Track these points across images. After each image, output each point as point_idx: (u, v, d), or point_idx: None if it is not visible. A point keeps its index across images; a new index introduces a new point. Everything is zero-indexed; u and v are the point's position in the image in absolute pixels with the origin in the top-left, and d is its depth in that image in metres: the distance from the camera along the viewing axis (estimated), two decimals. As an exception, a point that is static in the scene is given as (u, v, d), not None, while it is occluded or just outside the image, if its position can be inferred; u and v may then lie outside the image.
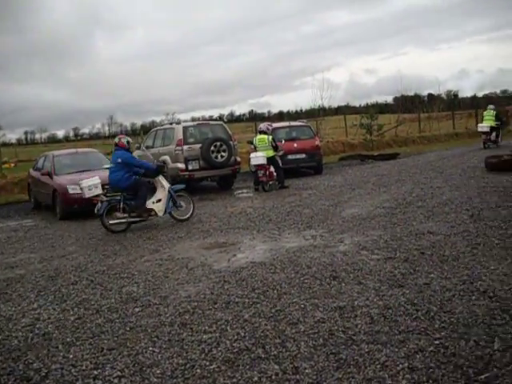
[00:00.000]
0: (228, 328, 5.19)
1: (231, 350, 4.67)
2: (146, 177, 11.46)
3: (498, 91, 75.88)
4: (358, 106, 72.84)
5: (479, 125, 25.14)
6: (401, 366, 4.10)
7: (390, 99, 65.83)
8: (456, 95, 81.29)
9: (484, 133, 23.96)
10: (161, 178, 11.51)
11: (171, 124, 18.59)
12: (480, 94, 72.43)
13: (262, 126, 16.90)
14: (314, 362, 4.29)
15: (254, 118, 74.71)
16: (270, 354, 4.53)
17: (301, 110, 54.44)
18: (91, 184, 10.99)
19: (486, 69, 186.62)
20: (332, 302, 5.58)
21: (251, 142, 16.81)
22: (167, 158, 16.43)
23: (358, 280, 6.24)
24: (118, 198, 10.95)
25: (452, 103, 65.98)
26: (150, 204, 11.30)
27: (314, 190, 14.59)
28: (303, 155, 18.78)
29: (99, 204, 10.83)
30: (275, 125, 19.90)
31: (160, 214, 11.32)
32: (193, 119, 46.16)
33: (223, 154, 16.22)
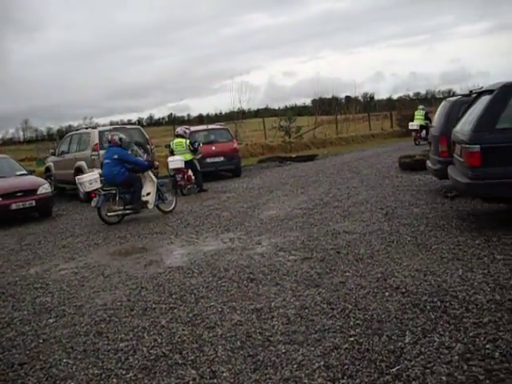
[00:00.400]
0: (145, 335, 5.12)
1: (148, 358, 4.61)
2: (135, 172, 11.98)
3: (411, 94, 78.36)
4: (277, 108, 73.49)
5: (410, 123, 26.85)
6: (317, 364, 4.16)
7: (308, 101, 66.75)
8: (372, 97, 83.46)
9: (414, 130, 25.52)
10: (150, 173, 12.14)
11: (87, 128, 18.17)
12: (395, 97, 74.63)
13: (179, 129, 16.79)
14: (231, 365, 4.29)
15: (174, 121, 73.97)
16: (187, 359, 4.50)
17: (220, 113, 54.49)
18: (92, 178, 11.41)
19: (400, 72, 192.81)
20: (249, 305, 5.60)
21: (169, 146, 16.67)
22: (83, 163, 16.06)
23: (275, 281, 6.29)
24: (114, 192, 11.49)
25: (368, 105, 67.62)
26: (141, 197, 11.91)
27: (232, 193, 14.61)
28: (221, 158, 18.79)
29: (97, 197, 11.30)
30: (193, 128, 19.82)
31: (150, 206, 11.95)
32: (111, 123, 45.30)
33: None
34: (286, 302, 5.56)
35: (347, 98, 59.47)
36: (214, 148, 18.62)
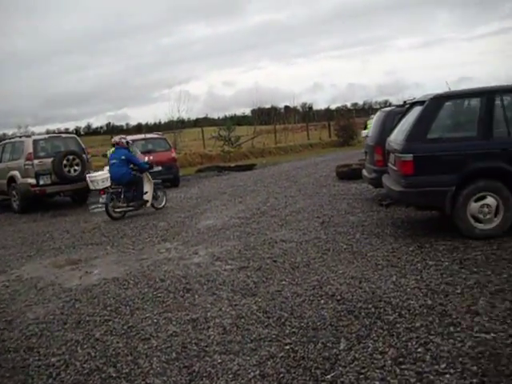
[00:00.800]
0: (78, 349, 5.01)
1: (81, 372, 4.52)
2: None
3: (348, 104, 79.41)
4: (216, 118, 73.14)
5: (362, 131, 27.37)
6: (252, 373, 4.16)
7: (247, 111, 66.63)
8: (311, 107, 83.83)
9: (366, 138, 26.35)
10: (148, 174, 13.16)
11: (21, 137, 17.68)
12: (333, 107, 75.40)
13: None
14: (166, 377, 4.24)
15: (112, 130, 72.63)
16: (121, 372, 4.43)
17: (160, 123, 53.65)
18: (104, 177, 12.74)
19: (338, 83, 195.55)
20: (185, 315, 5.56)
21: (105, 156, 16.40)
22: (16, 173, 15.60)
23: (212, 291, 6.27)
24: (120, 190, 12.40)
25: (307, 115, 68.09)
26: None
27: (170, 203, 14.42)
28: (159, 168, 18.59)
29: (105, 195, 12.33)
30: (130, 137, 19.55)
31: (148, 204, 12.99)
32: (47, 132, 44.16)
33: (76, 167, 15.69)
34: (222, 312, 5.54)
35: (286, 107, 59.71)
36: (151, 157, 18.38)
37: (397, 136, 8.46)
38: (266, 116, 48.40)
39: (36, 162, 15.42)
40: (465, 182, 7.49)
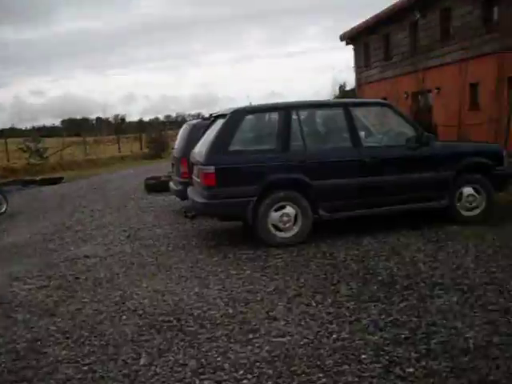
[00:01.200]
0: None
1: None
2: None
3: (161, 116, 79.65)
4: (24, 128, 69.41)
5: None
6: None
7: (58, 122, 64.18)
8: (123, 119, 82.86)
9: None
10: None
11: None
12: (146, 119, 75.13)
13: None
14: None
15: None
16: None
17: (-42, 132, 49.88)
18: None
19: (152, 95, 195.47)
20: (-26, 343, 5.15)
21: None
22: None
23: (7, 314, 5.87)
24: None
25: (119, 127, 67.35)
26: None
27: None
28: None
29: None
30: None
31: None
32: None
33: None
34: (17, 336, 5.20)
35: (98, 119, 58.64)
36: None
37: (200, 148, 8.61)
38: (76, 127, 47.21)
39: None
40: (265, 192, 7.81)
